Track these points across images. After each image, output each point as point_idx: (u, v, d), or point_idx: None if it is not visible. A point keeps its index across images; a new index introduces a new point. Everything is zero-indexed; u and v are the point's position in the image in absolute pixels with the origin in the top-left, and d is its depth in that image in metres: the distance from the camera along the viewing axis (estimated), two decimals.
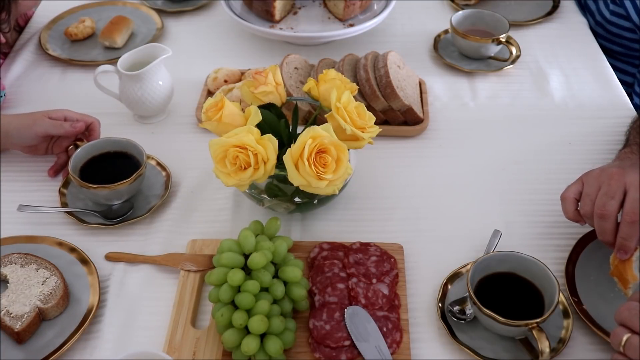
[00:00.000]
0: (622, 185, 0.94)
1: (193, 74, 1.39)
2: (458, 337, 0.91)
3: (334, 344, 0.89)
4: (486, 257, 0.93)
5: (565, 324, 0.92)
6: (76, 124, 1.13)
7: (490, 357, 0.89)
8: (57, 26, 1.54)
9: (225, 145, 0.91)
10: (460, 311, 0.93)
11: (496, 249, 1.02)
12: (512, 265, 0.93)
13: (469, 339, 0.91)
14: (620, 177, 0.95)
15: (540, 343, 0.84)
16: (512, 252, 0.94)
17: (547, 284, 0.90)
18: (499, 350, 0.90)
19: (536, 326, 0.85)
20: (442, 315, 0.94)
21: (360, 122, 0.95)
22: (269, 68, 1.01)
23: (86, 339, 0.93)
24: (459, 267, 1.00)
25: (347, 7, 1.47)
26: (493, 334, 0.91)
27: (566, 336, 0.90)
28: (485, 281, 0.92)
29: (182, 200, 1.13)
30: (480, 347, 0.90)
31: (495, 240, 1.03)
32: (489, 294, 0.90)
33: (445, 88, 1.37)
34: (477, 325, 0.92)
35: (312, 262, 1.01)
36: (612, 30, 1.52)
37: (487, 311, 0.86)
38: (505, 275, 0.93)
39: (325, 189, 0.91)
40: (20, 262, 0.98)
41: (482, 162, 1.20)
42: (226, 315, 0.87)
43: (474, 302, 0.88)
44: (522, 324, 0.85)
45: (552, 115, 1.31)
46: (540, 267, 0.91)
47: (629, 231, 0.92)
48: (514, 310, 0.87)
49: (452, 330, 0.92)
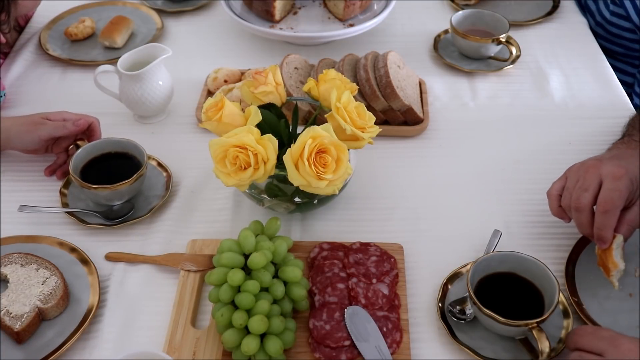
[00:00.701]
0: (597, 177, 0.95)
1: (193, 74, 1.39)
2: (458, 337, 0.91)
3: (334, 344, 0.89)
4: (486, 257, 0.93)
5: (565, 324, 0.92)
6: (78, 121, 1.13)
7: (490, 357, 0.89)
8: (57, 26, 1.54)
9: (225, 145, 0.91)
10: (461, 311, 0.93)
11: (496, 248, 1.02)
12: (512, 265, 0.93)
13: (469, 339, 0.91)
14: (596, 169, 0.96)
15: (540, 343, 0.84)
16: (512, 252, 0.94)
17: (547, 284, 0.90)
18: (499, 350, 0.90)
19: (536, 326, 0.85)
20: (442, 315, 0.94)
21: (360, 122, 0.95)
22: (269, 68, 1.01)
23: (86, 339, 0.93)
24: (459, 267, 1.00)
25: (347, 7, 1.47)
26: (493, 334, 0.91)
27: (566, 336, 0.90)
28: (485, 281, 0.92)
29: (182, 200, 1.13)
30: (480, 347, 0.90)
31: (495, 240, 1.03)
32: (489, 294, 0.90)
33: (445, 88, 1.37)
34: (477, 325, 0.92)
35: (312, 262, 1.01)
36: (612, 31, 1.52)
37: (487, 311, 0.86)
38: (505, 275, 0.93)
39: (325, 189, 0.91)
40: (20, 261, 0.98)
41: (482, 162, 1.20)
42: (226, 315, 0.87)
43: (474, 302, 0.88)
44: (522, 324, 0.85)
45: (552, 115, 1.31)
46: (540, 267, 0.91)
47: (602, 221, 0.93)
48: (514, 310, 0.87)
49: (452, 330, 0.92)
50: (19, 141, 1.13)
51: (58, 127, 1.12)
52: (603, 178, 0.95)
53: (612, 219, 0.93)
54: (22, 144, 1.14)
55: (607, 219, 0.93)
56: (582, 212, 0.95)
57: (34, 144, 1.13)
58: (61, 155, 1.16)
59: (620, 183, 0.93)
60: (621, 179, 0.94)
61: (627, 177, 0.94)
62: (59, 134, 1.13)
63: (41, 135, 1.12)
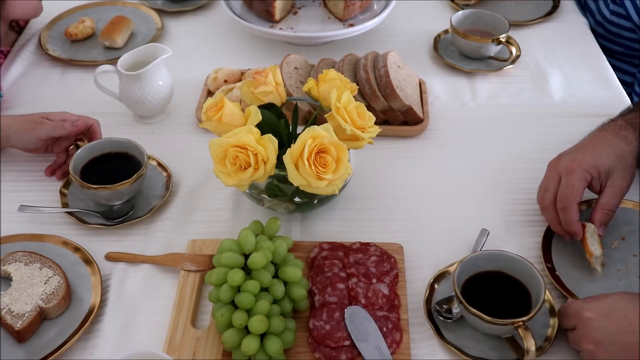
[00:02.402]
0: (556, 174, 0.99)
1: (193, 74, 1.39)
2: (445, 336, 0.91)
3: (334, 344, 0.89)
4: (473, 256, 0.93)
5: (552, 322, 0.92)
6: (77, 122, 1.13)
7: (477, 356, 0.89)
8: (57, 26, 1.54)
9: (225, 145, 0.91)
10: (447, 310, 0.93)
11: (495, 248, 1.02)
12: (500, 264, 0.93)
13: (456, 338, 0.91)
14: (555, 166, 1.00)
15: (526, 342, 0.84)
16: (499, 251, 0.94)
17: (534, 283, 0.90)
18: (485, 349, 0.90)
19: (522, 325, 0.85)
20: (430, 315, 0.94)
21: (360, 122, 0.95)
22: (269, 68, 1.01)
23: (86, 339, 0.93)
24: (446, 266, 1.00)
25: (347, 7, 1.47)
26: (480, 333, 0.91)
27: (552, 334, 0.90)
28: (473, 280, 0.92)
29: (182, 200, 1.13)
30: (467, 346, 0.90)
31: (482, 239, 1.03)
32: (477, 293, 0.90)
33: (445, 88, 1.37)
34: (464, 325, 0.92)
35: (312, 262, 1.01)
36: (612, 30, 1.52)
37: (472, 310, 0.86)
38: (493, 274, 0.93)
39: (325, 189, 0.91)
40: (24, 260, 0.98)
41: (482, 162, 1.20)
42: (226, 315, 0.87)
43: (460, 300, 0.88)
44: (508, 322, 0.85)
45: (552, 115, 1.31)
46: (527, 265, 0.91)
47: (564, 217, 0.97)
48: (502, 309, 0.87)
49: (439, 329, 0.92)
50: (19, 140, 1.14)
51: (57, 127, 1.12)
52: (561, 174, 0.99)
53: (572, 213, 0.97)
54: (22, 142, 1.14)
55: (567, 214, 0.97)
56: (547, 212, 1.00)
57: (33, 143, 1.14)
58: (61, 155, 1.17)
59: (572, 177, 0.97)
60: (573, 173, 0.97)
61: (580, 169, 0.97)
62: (58, 134, 1.13)
63: (40, 134, 1.12)
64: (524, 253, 1.02)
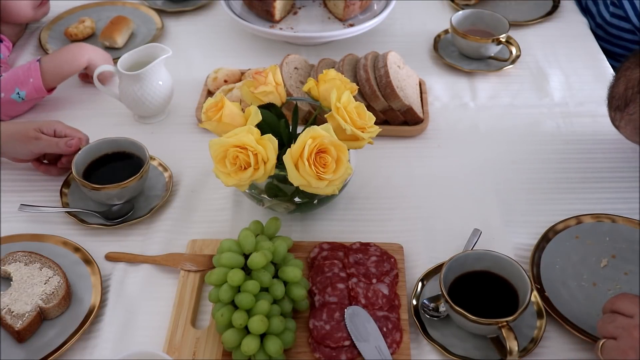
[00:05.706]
0: None
1: (193, 74, 1.39)
2: (430, 334, 0.91)
3: (334, 344, 0.89)
4: (461, 256, 0.93)
5: (538, 324, 0.92)
6: (70, 141, 1.12)
7: (461, 355, 0.89)
8: (57, 26, 1.54)
9: (225, 145, 0.91)
10: (434, 308, 0.94)
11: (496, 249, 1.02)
12: (488, 264, 0.93)
13: (441, 336, 0.91)
14: None
15: (509, 342, 0.84)
16: (488, 251, 0.94)
17: (522, 284, 0.90)
18: (469, 348, 0.90)
19: (506, 325, 0.85)
20: (416, 313, 0.94)
21: (360, 122, 0.95)
22: (269, 68, 1.01)
23: (86, 339, 0.93)
24: (436, 265, 0.99)
25: (347, 7, 1.47)
26: (465, 332, 0.91)
27: (538, 336, 0.90)
28: (462, 279, 0.92)
29: (182, 200, 1.13)
30: (452, 344, 0.90)
31: (474, 238, 1.02)
32: (466, 292, 0.90)
33: (445, 88, 1.38)
34: (450, 323, 0.92)
35: (312, 262, 1.01)
36: (612, 32, 1.52)
37: (457, 309, 0.86)
38: (482, 273, 0.93)
39: (325, 189, 0.91)
40: (24, 260, 0.98)
41: (482, 162, 1.20)
42: (226, 315, 0.87)
43: (446, 299, 0.88)
44: (492, 322, 0.85)
45: (552, 115, 1.31)
46: (514, 266, 0.91)
47: None
48: (489, 309, 0.87)
49: (425, 327, 0.92)
50: (11, 151, 1.14)
51: (51, 145, 1.12)
52: None
53: None
54: (14, 154, 1.15)
55: None
56: None
57: (24, 155, 1.15)
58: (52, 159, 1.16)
59: None
60: None
61: None
62: (51, 151, 1.13)
63: (33, 150, 1.13)
64: (523, 253, 1.03)
